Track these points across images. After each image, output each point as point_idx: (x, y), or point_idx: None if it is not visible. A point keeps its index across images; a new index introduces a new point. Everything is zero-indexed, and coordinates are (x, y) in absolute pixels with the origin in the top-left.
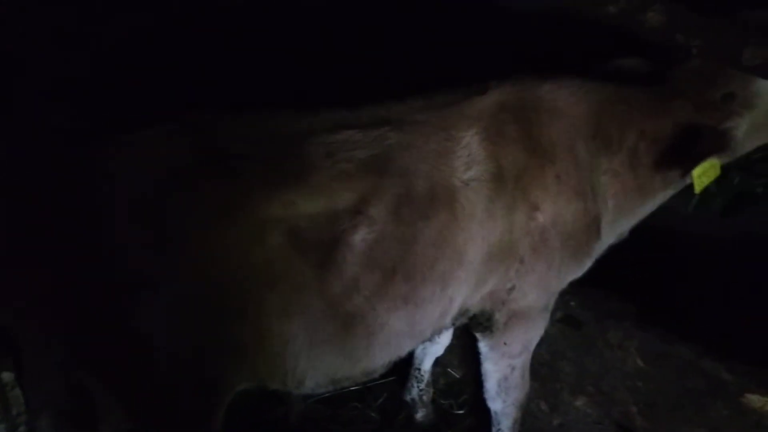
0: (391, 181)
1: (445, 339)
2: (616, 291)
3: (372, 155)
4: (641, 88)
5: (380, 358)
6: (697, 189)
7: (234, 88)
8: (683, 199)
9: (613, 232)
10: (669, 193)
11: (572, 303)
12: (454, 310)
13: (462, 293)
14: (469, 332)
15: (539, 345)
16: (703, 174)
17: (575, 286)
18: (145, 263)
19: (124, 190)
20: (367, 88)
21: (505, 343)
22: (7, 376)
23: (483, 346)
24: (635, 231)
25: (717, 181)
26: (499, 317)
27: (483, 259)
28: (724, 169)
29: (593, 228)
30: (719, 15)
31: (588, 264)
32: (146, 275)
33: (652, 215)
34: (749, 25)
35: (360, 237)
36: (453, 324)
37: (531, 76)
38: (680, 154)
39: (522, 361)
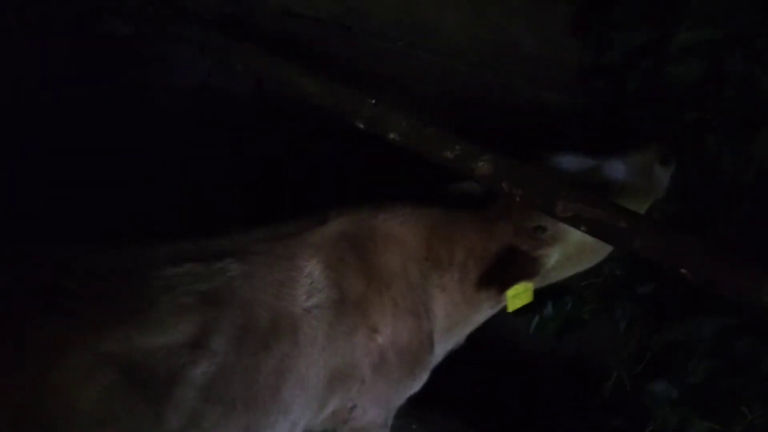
0: (233, 313)
1: None
2: (459, 415)
3: (213, 287)
4: (471, 210)
5: None
6: (510, 308)
7: None
8: (526, 320)
9: (448, 339)
10: (496, 305)
11: (414, 426)
12: None
13: (305, 417)
14: None
15: None
16: (516, 296)
17: (420, 410)
18: None
19: None
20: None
21: None
22: None
23: None
24: (483, 353)
25: (553, 305)
26: None
27: (325, 382)
28: (559, 294)
29: (427, 342)
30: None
31: (424, 377)
32: None
33: (500, 337)
34: (563, 181)
35: (199, 371)
36: None
37: (368, 206)
38: (498, 274)
39: None
